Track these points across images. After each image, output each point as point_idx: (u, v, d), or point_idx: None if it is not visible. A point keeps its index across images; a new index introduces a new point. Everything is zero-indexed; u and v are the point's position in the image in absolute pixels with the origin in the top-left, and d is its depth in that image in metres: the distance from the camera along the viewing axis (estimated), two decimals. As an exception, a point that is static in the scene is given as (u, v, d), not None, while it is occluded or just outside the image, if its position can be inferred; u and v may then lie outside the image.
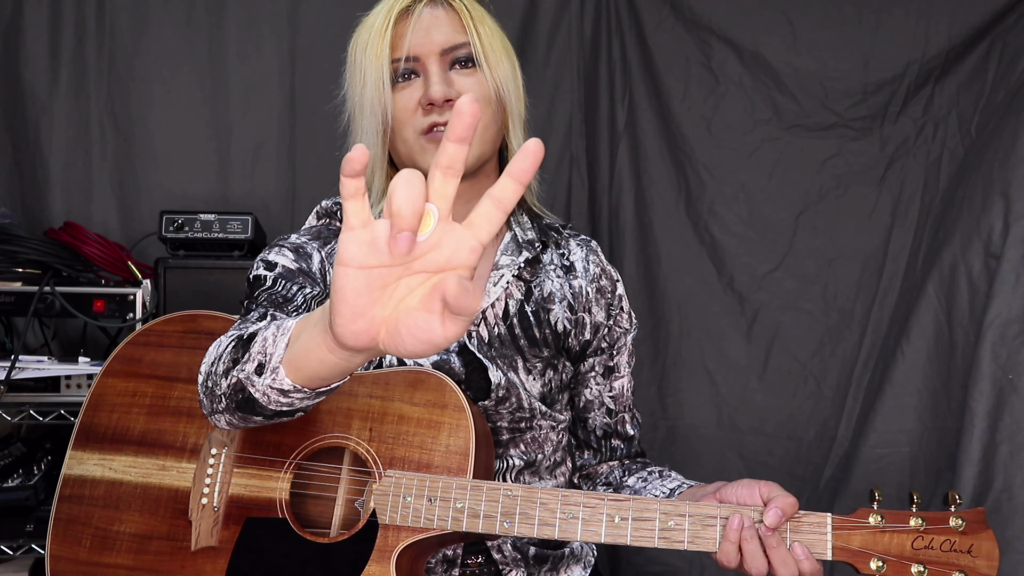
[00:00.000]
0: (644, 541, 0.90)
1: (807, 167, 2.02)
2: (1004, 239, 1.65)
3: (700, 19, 2.05)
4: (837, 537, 0.89)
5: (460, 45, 1.07)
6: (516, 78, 1.13)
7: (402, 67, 1.06)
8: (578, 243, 1.22)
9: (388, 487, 0.94)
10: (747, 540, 0.88)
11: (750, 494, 0.93)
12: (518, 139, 1.14)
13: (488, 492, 0.92)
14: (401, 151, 1.09)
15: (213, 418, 0.92)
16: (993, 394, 1.61)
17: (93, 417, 1.09)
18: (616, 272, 1.23)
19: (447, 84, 1.05)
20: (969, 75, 1.91)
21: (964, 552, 0.86)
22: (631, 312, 1.23)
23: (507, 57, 1.12)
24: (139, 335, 1.14)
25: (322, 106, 2.11)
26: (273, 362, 0.77)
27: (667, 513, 0.90)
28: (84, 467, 1.06)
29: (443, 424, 0.96)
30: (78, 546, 1.02)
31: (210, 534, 0.98)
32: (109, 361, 1.13)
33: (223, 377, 0.84)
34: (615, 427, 1.22)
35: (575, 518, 0.91)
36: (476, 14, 1.09)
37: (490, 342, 1.11)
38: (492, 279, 1.13)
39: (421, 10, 1.07)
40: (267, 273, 1.09)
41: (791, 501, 0.89)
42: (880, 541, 0.88)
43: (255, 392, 0.80)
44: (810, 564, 0.88)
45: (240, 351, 0.83)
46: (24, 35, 1.98)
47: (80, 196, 2.02)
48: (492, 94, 1.08)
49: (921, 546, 0.87)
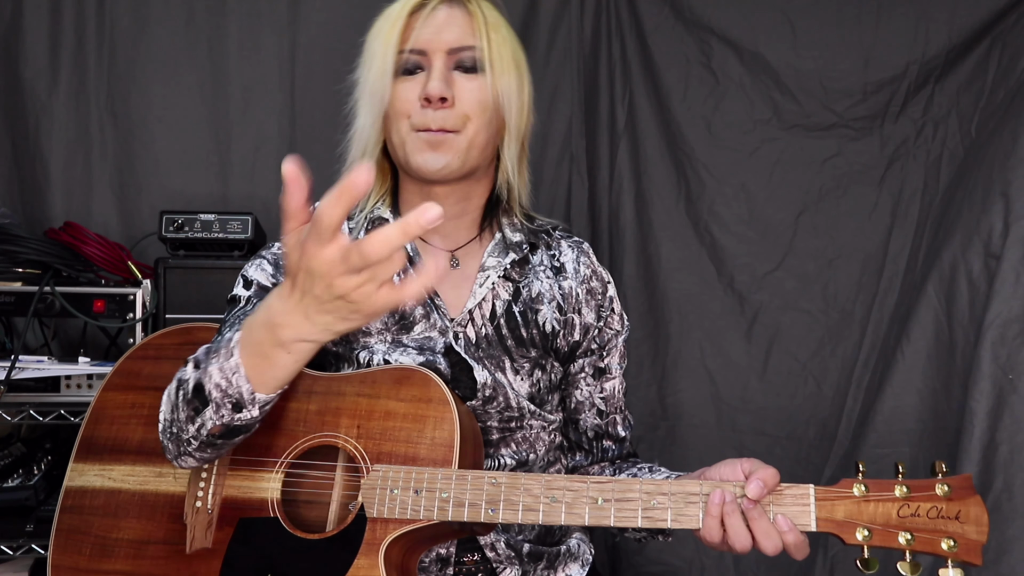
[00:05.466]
0: (627, 522, 0.90)
1: (807, 167, 2.02)
2: (1004, 239, 1.65)
3: (700, 19, 2.05)
4: (820, 508, 0.88)
5: (467, 48, 1.07)
6: (522, 92, 1.12)
7: (408, 59, 1.07)
8: (569, 244, 1.22)
9: (375, 481, 0.95)
10: (729, 514, 0.88)
11: (732, 471, 0.93)
12: (511, 152, 1.13)
13: (473, 481, 0.94)
14: (394, 141, 1.10)
15: (179, 460, 0.99)
16: (993, 394, 1.60)
17: (94, 430, 1.11)
18: (608, 274, 1.23)
19: (446, 83, 1.06)
20: (969, 75, 1.91)
21: (952, 519, 0.85)
22: (623, 314, 1.23)
23: (515, 69, 1.11)
24: (137, 350, 1.16)
25: (322, 106, 2.12)
26: (247, 396, 0.88)
27: (649, 493, 0.90)
28: (85, 478, 1.08)
29: (428, 418, 0.97)
30: (78, 555, 1.04)
31: (204, 536, 0.99)
32: (109, 376, 1.15)
33: (189, 423, 0.93)
34: (606, 428, 1.22)
35: (559, 502, 0.92)
36: (491, 20, 1.10)
37: (477, 342, 1.11)
38: (478, 280, 1.13)
39: (437, 6, 1.08)
40: (243, 293, 1.12)
41: (772, 472, 0.89)
42: (865, 511, 0.87)
43: (242, 422, 0.91)
44: (794, 536, 0.87)
45: (196, 402, 0.91)
46: (24, 35, 1.99)
47: (80, 196, 2.02)
48: (491, 101, 1.08)
49: (907, 514, 0.86)
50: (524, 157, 1.18)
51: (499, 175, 1.16)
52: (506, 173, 1.15)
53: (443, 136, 1.06)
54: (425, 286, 0.74)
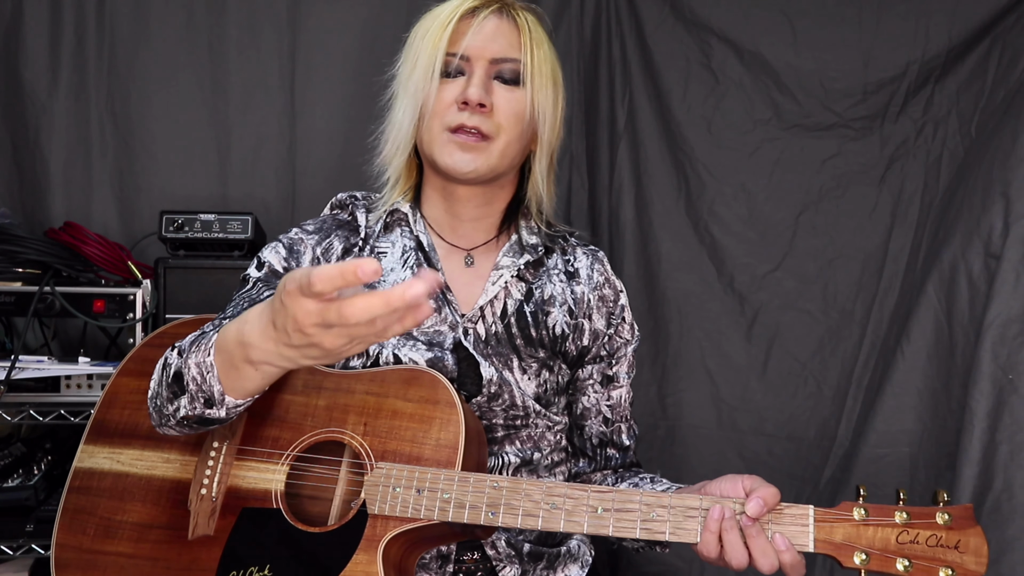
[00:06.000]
0: (626, 532, 0.90)
1: (807, 167, 2.02)
2: (1004, 239, 1.65)
3: (700, 19, 2.05)
4: (819, 529, 0.88)
5: (510, 60, 1.10)
6: (556, 109, 1.16)
7: (454, 62, 1.09)
8: (585, 252, 1.24)
9: (378, 478, 0.96)
10: (727, 530, 0.88)
11: (733, 487, 0.93)
12: (541, 165, 1.17)
13: (475, 483, 0.94)
14: (425, 139, 1.12)
15: (162, 429, 1.03)
16: (993, 394, 1.60)
17: (106, 414, 1.13)
18: (621, 284, 1.25)
19: (486, 91, 1.08)
20: (969, 75, 1.91)
21: (951, 548, 0.85)
22: (634, 324, 1.24)
23: (552, 86, 1.14)
24: (154, 337, 1.18)
25: (322, 106, 2.12)
26: (217, 396, 0.91)
27: (649, 505, 0.91)
28: (94, 460, 1.09)
29: (434, 419, 0.98)
30: (82, 535, 1.05)
31: (207, 523, 1.00)
32: (125, 362, 1.17)
33: (168, 402, 0.97)
34: (611, 436, 1.22)
35: (558, 509, 0.92)
36: (536, 36, 1.13)
37: (487, 339, 1.12)
38: (491, 278, 1.14)
39: (487, 15, 1.10)
40: (254, 274, 1.13)
41: (773, 491, 0.89)
42: (864, 534, 0.87)
43: (212, 417, 0.95)
44: (791, 555, 0.88)
45: (175, 386, 0.95)
46: (24, 35, 1.99)
47: (80, 196, 2.02)
48: (526, 114, 1.11)
49: (906, 540, 0.86)
50: (552, 171, 1.20)
51: (528, 187, 1.19)
52: (536, 187, 1.18)
53: (475, 141, 1.08)
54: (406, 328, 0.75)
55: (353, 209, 1.20)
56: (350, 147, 2.07)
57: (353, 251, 1.15)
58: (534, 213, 1.21)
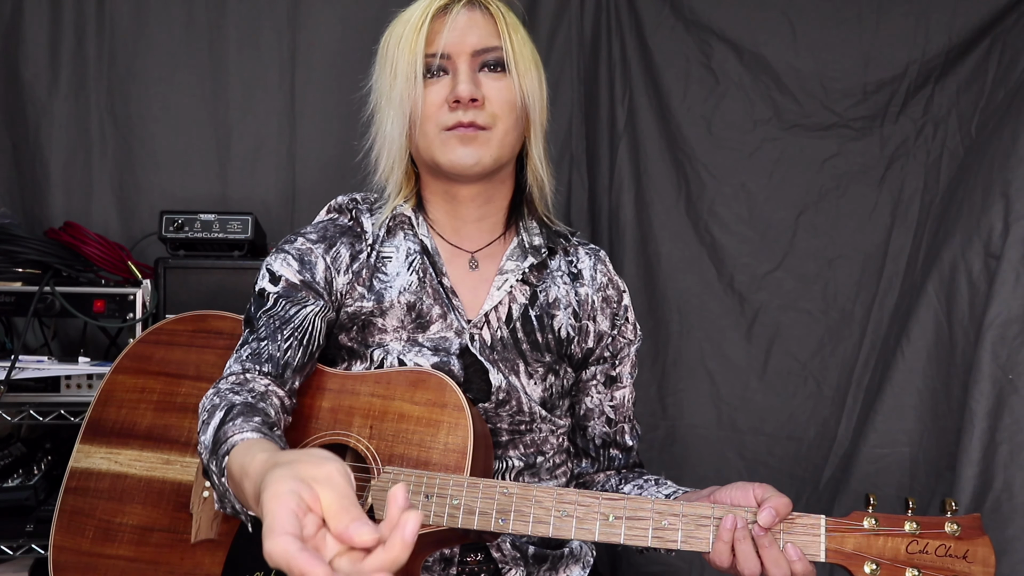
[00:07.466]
0: (638, 540, 0.90)
1: (807, 167, 2.02)
2: (1004, 239, 1.65)
3: (700, 19, 2.05)
4: (831, 539, 0.88)
5: (492, 49, 1.09)
6: (542, 90, 1.15)
7: (435, 63, 1.08)
8: (587, 252, 1.23)
9: (386, 483, 0.95)
10: (740, 540, 0.88)
11: (744, 495, 0.93)
12: (538, 148, 1.16)
13: (484, 489, 0.93)
14: (421, 144, 1.10)
15: None
16: (993, 394, 1.60)
17: (102, 412, 1.11)
18: (623, 283, 1.24)
19: (474, 84, 1.07)
20: (969, 75, 1.91)
21: (960, 558, 0.86)
22: (636, 324, 1.23)
23: (535, 68, 1.14)
24: (150, 334, 1.15)
25: (322, 106, 2.12)
26: (240, 508, 0.86)
27: (661, 513, 0.90)
28: (91, 460, 1.08)
29: (442, 423, 0.97)
30: (81, 537, 1.03)
31: (210, 527, 0.99)
32: (120, 359, 1.14)
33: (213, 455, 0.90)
34: (614, 437, 1.22)
35: (570, 516, 0.91)
36: (511, 21, 1.11)
37: (492, 345, 1.11)
38: (496, 283, 1.13)
39: (459, 10, 1.09)
40: (271, 289, 1.09)
41: (785, 501, 0.89)
42: (874, 544, 0.88)
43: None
44: (803, 565, 0.88)
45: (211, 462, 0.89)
46: (24, 35, 1.98)
47: (80, 196, 2.02)
48: (518, 100, 1.10)
49: (916, 550, 0.87)
50: (547, 152, 1.19)
51: (528, 174, 1.18)
52: (536, 170, 1.17)
53: (475, 132, 1.07)
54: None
55: (357, 214, 1.17)
56: (350, 147, 2.07)
57: (359, 257, 1.12)
58: (537, 202, 1.20)
